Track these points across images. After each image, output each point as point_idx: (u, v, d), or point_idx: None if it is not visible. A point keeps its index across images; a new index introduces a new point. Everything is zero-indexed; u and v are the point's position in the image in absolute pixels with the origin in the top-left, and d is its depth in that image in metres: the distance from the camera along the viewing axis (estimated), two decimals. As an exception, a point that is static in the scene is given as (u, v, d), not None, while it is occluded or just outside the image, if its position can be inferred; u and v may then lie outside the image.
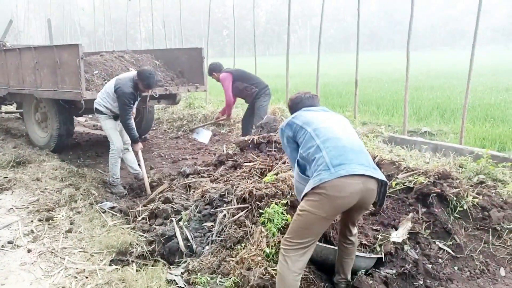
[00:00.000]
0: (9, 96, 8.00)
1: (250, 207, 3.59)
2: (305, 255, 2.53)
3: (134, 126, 5.26)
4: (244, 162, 4.59)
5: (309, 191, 2.47)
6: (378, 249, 3.24)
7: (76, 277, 3.19)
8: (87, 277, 3.18)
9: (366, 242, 3.32)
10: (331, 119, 2.76)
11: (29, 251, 3.66)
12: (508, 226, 3.54)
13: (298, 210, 2.55)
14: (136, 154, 5.32)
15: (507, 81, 14.77)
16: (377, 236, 3.41)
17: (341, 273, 2.88)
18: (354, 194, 2.42)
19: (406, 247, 3.24)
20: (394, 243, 3.27)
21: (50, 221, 4.22)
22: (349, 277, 2.88)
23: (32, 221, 4.26)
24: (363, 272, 2.96)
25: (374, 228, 3.56)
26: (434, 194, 3.65)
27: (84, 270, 3.29)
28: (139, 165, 5.51)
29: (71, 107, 6.77)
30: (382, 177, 2.51)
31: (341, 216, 2.83)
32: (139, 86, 5.12)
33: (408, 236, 3.36)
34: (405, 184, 3.89)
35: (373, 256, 3.09)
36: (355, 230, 2.82)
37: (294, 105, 3.02)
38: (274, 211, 3.38)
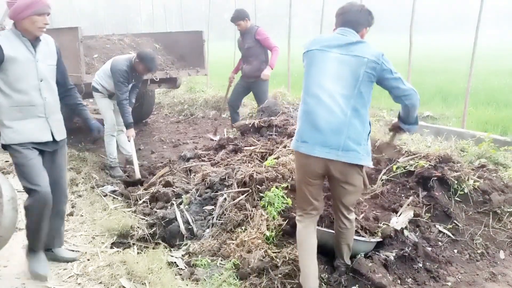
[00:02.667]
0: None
1: (250, 190, 3.59)
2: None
3: (129, 110, 5.19)
4: (245, 146, 4.59)
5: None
6: (378, 233, 3.25)
7: (78, 260, 3.21)
8: (88, 260, 3.21)
9: (366, 226, 3.32)
10: (331, 74, 2.52)
11: (31, 234, 3.67)
12: (508, 210, 3.54)
13: None
14: (128, 140, 5.24)
15: (510, 65, 14.64)
16: (378, 219, 3.42)
17: (339, 256, 2.88)
18: (316, 168, 2.57)
19: (406, 232, 3.24)
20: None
21: (52, 205, 4.23)
22: (347, 261, 2.88)
23: (33, 204, 4.27)
24: (362, 255, 2.97)
25: (375, 211, 3.56)
26: (435, 178, 3.64)
27: (86, 252, 3.31)
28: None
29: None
30: (348, 159, 2.49)
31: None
32: (138, 68, 5.06)
33: (408, 220, 3.37)
34: (406, 167, 3.88)
35: (372, 240, 3.10)
36: (350, 215, 2.75)
37: (338, 16, 2.71)
38: (275, 195, 3.39)
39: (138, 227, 3.59)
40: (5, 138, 2.76)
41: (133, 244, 3.44)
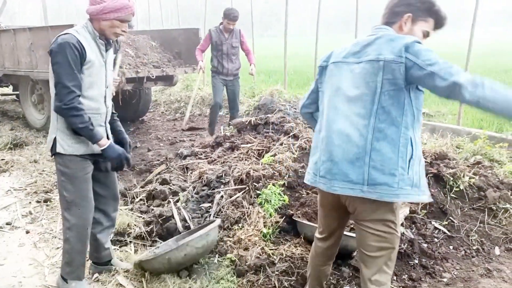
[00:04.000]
0: (5, 78, 7.94)
1: (247, 188, 3.60)
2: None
3: None
4: (242, 144, 4.59)
5: None
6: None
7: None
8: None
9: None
10: (343, 97, 2.01)
11: (27, 232, 3.68)
12: (503, 206, 3.57)
13: None
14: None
15: (506, 63, 14.70)
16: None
17: None
18: (334, 203, 2.15)
19: (402, 228, 3.26)
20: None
21: (48, 203, 4.23)
22: None
23: (30, 202, 4.28)
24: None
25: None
26: (431, 175, 3.66)
27: (83, 250, 3.31)
28: None
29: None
30: (378, 195, 1.89)
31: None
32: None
33: (404, 216, 3.39)
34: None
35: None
36: (368, 273, 2.05)
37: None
38: (272, 192, 3.40)
39: (135, 225, 3.59)
40: (65, 148, 2.50)
41: (130, 242, 3.44)
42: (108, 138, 2.67)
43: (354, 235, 2.88)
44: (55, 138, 2.51)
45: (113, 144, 2.58)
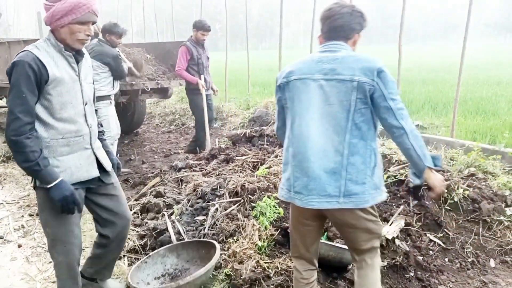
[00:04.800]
0: (-1, 90, 7.91)
1: (242, 200, 3.59)
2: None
3: None
4: (237, 156, 4.59)
5: None
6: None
7: None
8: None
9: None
10: (317, 109, 2.04)
11: (19, 246, 3.64)
12: (498, 218, 3.58)
13: None
14: None
15: (498, 75, 14.87)
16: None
17: None
18: (311, 216, 2.19)
19: (397, 241, 3.25)
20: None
21: (41, 216, 4.19)
22: None
23: (22, 216, 4.23)
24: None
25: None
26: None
27: (76, 264, 3.27)
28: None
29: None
30: (353, 204, 2.02)
31: None
32: (112, 39, 5.23)
33: (400, 229, 3.38)
34: (397, 177, 3.91)
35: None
36: (361, 256, 2.21)
37: (323, 20, 2.18)
38: (267, 205, 3.39)
39: (129, 238, 3.55)
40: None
41: (124, 255, 3.40)
42: (98, 161, 2.40)
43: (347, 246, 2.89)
44: None
45: (63, 183, 2.16)
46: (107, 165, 2.48)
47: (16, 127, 2.04)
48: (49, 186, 2.12)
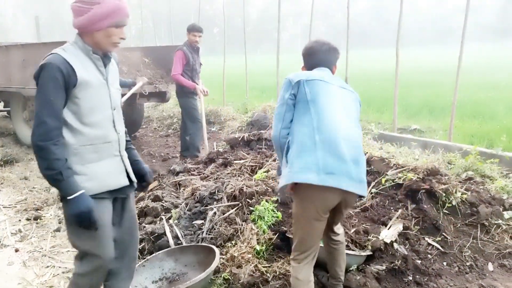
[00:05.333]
0: (-4, 94, 7.90)
1: (240, 204, 3.58)
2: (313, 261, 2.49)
3: None
4: (235, 160, 4.59)
5: (293, 186, 2.36)
6: (368, 246, 3.25)
7: (65, 277, 3.15)
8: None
9: (356, 240, 3.32)
10: (340, 105, 2.42)
11: (16, 250, 3.62)
12: (496, 222, 3.58)
13: (293, 218, 2.46)
14: None
15: (495, 79, 14.93)
16: (367, 232, 3.42)
17: (335, 276, 2.74)
18: (334, 202, 2.35)
19: (395, 245, 3.25)
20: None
21: (38, 220, 4.18)
22: (342, 278, 2.77)
23: (19, 220, 4.22)
24: (355, 267, 2.97)
25: (364, 224, 3.57)
26: (423, 191, 3.67)
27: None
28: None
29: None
30: (363, 192, 2.36)
31: None
32: None
33: (398, 233, 3.38)
34: (395, 180, 3.91)
35: (362, 253, 3.10)
36: (340, 230, 2.68)
37: (307, 55, 2.64)
38: (265, 208, 3.39)
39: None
40: None
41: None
42: (126, 171, 2.28)
43: (353, 252, 2.91)
44: None
45: (82, 197, 2.01)
46: (132, 175, 2.34)
47: (43, 132, 1.95)
48: (68, 198, 2.00)
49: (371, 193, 3.90)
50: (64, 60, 2.01)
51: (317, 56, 2.60)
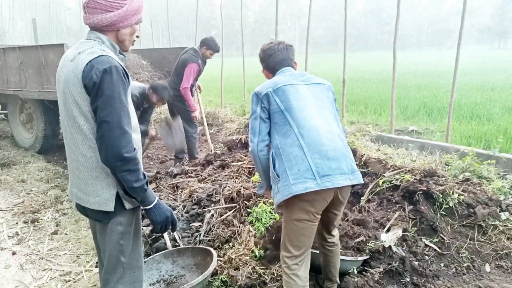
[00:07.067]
0: (-7, 96, 7.88)
1: (238, 206, 3.59)
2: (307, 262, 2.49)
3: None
4: (232, 162, 4.59)
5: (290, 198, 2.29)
6: (365, 249, 3.25)
7: (62, 279, 3.15)
8: (74, 280, 3.15)
9: (354, 243, 3.32)
10: (313, 104, 2.42)
11: (14, 253, 3.61)
12: (492, 223, 3.59)
13: (284, 223, 2.43)
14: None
15: (492, 80, 14.99)
16: (365, 234, 3.43)
17: (330, 277, 2.77)
18: (327, 200, 2.36)
19: (393, 246, 3.26)
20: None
21: (36, 223, 4.17)
22: (337, 279, 2.80)
23: (17, 223, 4.20)
24: (354, 270, 2.97)
25: (362, 226, 3.57)
26: (421, 192, 3.68)
27: (71, 272, 3.25)
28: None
29: (57, 107, 6.68)
30: (358, 180, 2.39)
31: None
32: (151, 98, 5.04)
33: (397, 238, 3.38)
34: (392, 182, 3.92)
35: (359, 258, 3.08)
36: (335, 232, 2.68)
37: (266, 57, 2.66)
38: (262, 210, 3.39)
39: (124, 245, 3.54)
40: (132, 200, 1.95)
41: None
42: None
43: (350, 258, 2.90)
44: (117, 194, 1.91)
45: (161, 202, 1.97)
46: None
47: (128, 142, 1.80)
48: (150, 206, 1.91)
49: (368, 194, 3.90)
50: (118, 62, 1.85)
51: (277, 56, 2.62)
